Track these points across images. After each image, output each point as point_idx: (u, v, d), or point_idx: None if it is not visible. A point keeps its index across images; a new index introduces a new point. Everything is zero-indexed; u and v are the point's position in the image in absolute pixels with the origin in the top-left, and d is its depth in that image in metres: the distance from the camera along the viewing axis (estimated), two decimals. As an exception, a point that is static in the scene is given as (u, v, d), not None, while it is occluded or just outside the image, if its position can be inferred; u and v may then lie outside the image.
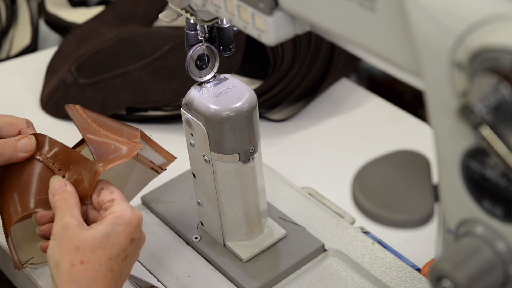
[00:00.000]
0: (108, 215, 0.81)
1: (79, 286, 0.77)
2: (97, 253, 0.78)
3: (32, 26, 1.43)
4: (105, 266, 0.78)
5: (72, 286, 0.77)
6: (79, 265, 0.77)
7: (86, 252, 0.78)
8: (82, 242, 0.78)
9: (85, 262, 0.78)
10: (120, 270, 0.80)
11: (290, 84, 1.21)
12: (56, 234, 0.80)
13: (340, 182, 1.05)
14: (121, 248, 0.80)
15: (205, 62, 0.90)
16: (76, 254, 0.78)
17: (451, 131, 0.59)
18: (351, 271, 0.95)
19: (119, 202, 0.82)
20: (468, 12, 0.55)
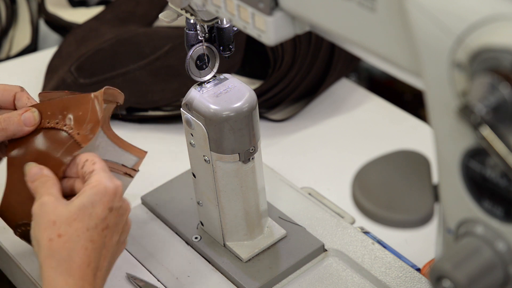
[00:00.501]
0: (85, 187, 0.81)
1: (59, 260, 0.78)
2: (73, 225, 0.78)
3: (32, 26, 1.43)
4: (83, 237, 0.78)
5: (51, 260, 0.78)
6: (56, 239, 0.78)
7: (63, 226, 0.78)
8: (58, 216, 0.79)
9: (63, 235, 0.78)
10: (102, 240, 0.80)
11: (290, 84, 1.21)
12: (34, 214, 0.80)
13: (340, 182, 1.05)
14: (99, 218, 0.80)
15: (205, 62, 0.90)
16: (53, 229, 0.78)
17: (451, 131, 0.59)
18: (351, 271, 0.95)
19: (98, 172, 0.82)
20: (468, 12, 0.55)
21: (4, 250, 1.01)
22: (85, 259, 0.78)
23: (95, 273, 0.80)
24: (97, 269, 0.80)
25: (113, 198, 0.81)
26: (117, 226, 0.82)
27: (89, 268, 0.79)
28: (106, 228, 0.80)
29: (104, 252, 0.81)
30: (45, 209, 0.80)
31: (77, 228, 0.78)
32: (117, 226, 0.82)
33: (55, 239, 0.78)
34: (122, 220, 0.83)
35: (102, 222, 0.80)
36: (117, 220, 0.82)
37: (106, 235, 0.81)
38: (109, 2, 1.46)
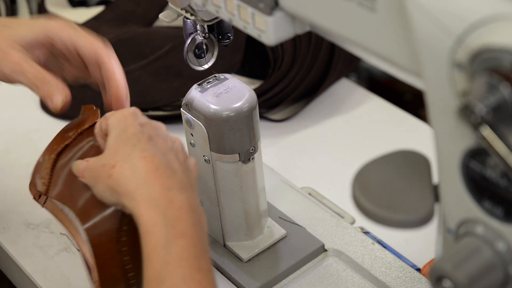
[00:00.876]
0: (108, 127, 0.79)
1: (126, 183, 0.74)
2: (119, 152, 0.76)
3: (32, 26, 1.43)
4: (134, 153, 0.75)
5: (120, 190, 0.75)
6: (112, 170, 0.75)
7: (110, 158, 0.76)
8: (102, 157, 0.77)
9: (115, 165, 0.75)
10: (155, 147, 0.76)
11: (290, 84, 1.21)
12: (90, 178, 0.79)
13: (340, 182, 1.05)
14: (136, 134, 0.76)
15: (203, 51, 0.90)
16: (104, 169, 0.76)
17: (451, 131, 0.59)
18: (351, 271, 0.95)
19: (110, 115, 0.80)
20: (468, 12, 0.55)
21: (4, 250, 1.01)
22: (150, 165, 0.74)
23: (171, 175, 0.75)
24: (172, 172, 0.75)
25: (135, 116, 0.78)
26: (160, 136, 0.78)
27: (159, 171, 0.74)
28: (150, 139, 0.76)
29: (169, 157, 0.76)
30: (91, 166, 0.78)
31: (123, 151, 0.76)
32: (159, 136, 0.78)
33: (112, 173, 0.75)
34: (161, 133, 0.79)
35: (142, 134, 0.76)
36: (156, 132, 0.78)
37: (156, 144, 0.77)
38: (109, 2, 1.46)
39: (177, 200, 0.73)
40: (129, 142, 0.76)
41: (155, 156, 0.75)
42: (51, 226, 1.03)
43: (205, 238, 0.74)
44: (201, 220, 0.75)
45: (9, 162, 1.13)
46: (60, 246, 1.00)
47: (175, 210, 0.72)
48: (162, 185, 0.74)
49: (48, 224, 1.04)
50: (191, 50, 0.89)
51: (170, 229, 0.72)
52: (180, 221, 0.72)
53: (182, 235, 0.71)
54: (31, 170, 0.92)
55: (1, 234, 1.03)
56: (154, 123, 0.80)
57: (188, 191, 0.75)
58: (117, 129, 0.78)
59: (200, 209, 0.75)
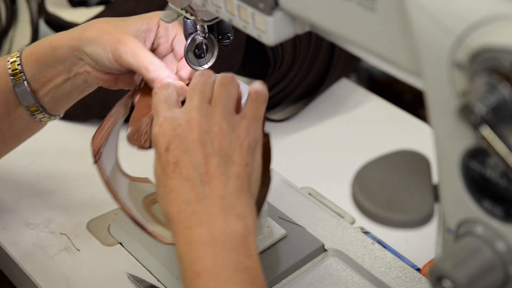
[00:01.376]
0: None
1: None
2: (158, 188, 0.76)
3: (32, 26, 1.43)
4: (165, 198, 0.75)
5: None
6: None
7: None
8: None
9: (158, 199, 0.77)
10: (178, 186, 0.74)
11: (290, 84, 1.21)
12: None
13: (340, 182, 1.05)
14: (164, 168, 0.76)
15: (203, 51, 0.90)
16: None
17: (451, 131, 0.59)
18: (351, 271, 0.95)
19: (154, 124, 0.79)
20: (468, 12, 0.55)
21: (4, 250, 1.01)
22: (173, 209, 0.74)
23: (194, 211, 0.73)
24: (196, 204, 0.74)
25: (167, 124, 0.77)
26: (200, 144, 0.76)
27: (180, 214, 0.73)
28: (176, 165, 0.75)
29: (196, 181, 0.74)
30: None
31: (159, 189, 0.76)
32: (200, 144, 0.76)
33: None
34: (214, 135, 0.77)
35: (167, 166, 0.75)
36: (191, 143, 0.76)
37: (182, 169, 0.75)
38: (109, 2, 1.46)
39: (196, 238, 0.72)
40: (160, 181, 0.76)
41: (178, 195, 0.74)
42: (51, 226, 1.03)
43: (238, 265, 0.71)
44: (231, 243, 0.72)
45: (9, 162, 1.13)
46: (60, 246, 1.00)
47: (192, 250, 0.72)
48: (183, 227, 0.73)
49: (48, 224, 1.04)
50: (191, 50, 0.89)
51: (188, 272, 0.72)
52: (197, 259, 0.72)
53: (199, 274, 0.71)
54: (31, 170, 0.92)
55: (1, 234, 1.03)
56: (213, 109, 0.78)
57: (214, 217, 0.73)
58: (156, 153, 0.77)
59: (237, 227, 0.73)
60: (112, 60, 0.88)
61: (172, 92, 0.81)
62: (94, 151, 0.90)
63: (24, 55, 0.93)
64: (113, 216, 1.04)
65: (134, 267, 0.97)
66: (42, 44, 0.94)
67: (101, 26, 0.91)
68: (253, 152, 0.77)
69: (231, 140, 0.76)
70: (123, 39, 0.89)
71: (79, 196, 1.09)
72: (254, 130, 0.77)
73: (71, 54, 0.91)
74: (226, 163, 0.75)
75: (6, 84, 0.93)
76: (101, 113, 1.22)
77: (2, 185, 1.11)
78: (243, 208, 0.73)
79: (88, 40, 0.90)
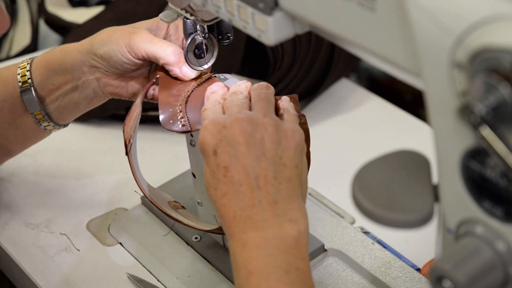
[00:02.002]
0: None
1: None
2: (210, 193, 0.77)
3: (32, 26, 1.43)
4: (218, 203, 0.75)
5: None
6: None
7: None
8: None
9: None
10: (231, 191, 0.75)
11: (290, 84, 1.21)
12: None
13: (340, 182, 1.05)
14: (213, 172, 0.76)
15: (203, 51, 0.90)
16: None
17: (451, 131, 0.59)
18: (351, 271, 0.95)
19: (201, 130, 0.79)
20: (468, 12, 0.55)
21: (4, 250, 1.01)
22: (228, 214, 0.74)
23: (250, 215, 0.74)
24: (252, 209, 0.74)
25: (215, 129, 0.77)
26: (251, 146, 0.76)
27: (236, 219, 0.74)
28: (227, 170, 0.75)
29: (251, 184, 0.74)
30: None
31: (211, 193, 0.76)
32: (251, 146, 0.76)
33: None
34: (261, 136, 0.76)
35: (218, 171, 0.76)
36: (243, 144, 0.76)
37: (233, 174, 0.75)
38: (109, 2, 1.46)
39: (250, 241, 0.73)
40: (211, 184, 0.76)
41: (232, 200, 0.74)
42: (51, 226, 1.03)
43: (289, 266, 0.72)
44: (283, 246, 0.73)
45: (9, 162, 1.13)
46: (60, 246, 1.01)
47: (246, 252, 0.73)
48: (238, 231, 0.74)
49: (48, 224, 1.04)
50: (191, 50, 0.89)
51: (242, 271, 0.73)
52: (250, 260, 0.73)
53: (251, 274, 0.72)
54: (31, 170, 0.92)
55: (1, 234, 1.03)
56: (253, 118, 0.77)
57: (268, 222, 0.74)
58: (204, 156, 0.77)
59: (291, 232, 0.74)
60: (127, 52, 0.89)
61: (244, 99, 0.81)
62: (126, 141, 0.90)
63: (34, 62, 0.95)
64: (113, 216, 1.04)
65: (134, 267, 0.97)
66: (52, 52, 0.95)
67: (112, 28, 0.92)
68: (301, 152, 0.77)
69: (279, 141, 0.76)
70: (135, 31, 0.90)
71: (79, 196, 1.09)
72: (298, 129, 0.78)
73: (81, 60, 0.92)
74: (277, 166, 0.75)
75: (14, 90, 0.94)
76: (101, 113, 1.22)
77: (2, 185, 1.11)
78: (296, 213, 0.74)
79: (100, 41, 0.91)
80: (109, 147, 1.18)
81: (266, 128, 0.76)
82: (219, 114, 0.79)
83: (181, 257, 0.97)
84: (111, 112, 1.22)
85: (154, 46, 0.89)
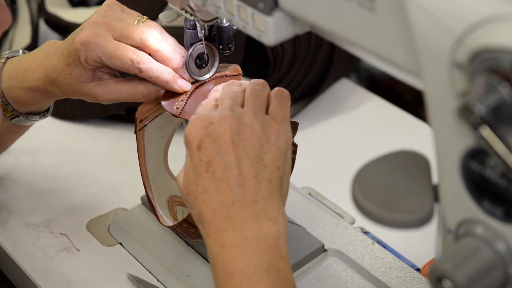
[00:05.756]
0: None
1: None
2: (190, 190, 0.77)
3: (32, 26, 1.43)
4: (199, 200, 0.75)
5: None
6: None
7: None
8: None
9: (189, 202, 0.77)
10: (212, 187, 0.75)
11: (290, 84, 1.21)
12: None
13: (340, 182, 1.05)
14: (196, 167, 0.76)
15: (204, 61, 0.90)
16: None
17: (451, 131, 0.59)
18: (351, 271, 0.95)
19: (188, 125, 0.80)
20: (468, 12, 0.55)
21: (4, 250, 1.01)
22: (208, 213, 0.74)
23: (228, 214, 0.74)
24: (231, 208, 0.74)
25: (201, 125, 0.78)
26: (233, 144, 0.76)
27: (215, 217, 0.74)
28: (209, 165, 0.76)
29: (232, 182, 0.75)
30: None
31: (192, 189, 0.77)
32: (233, 144, 0.76)
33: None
34: (245, 137, 0.77)
35: (200, 165, 0.76)
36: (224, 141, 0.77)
37: (215, 170, 0.75)
38: (109, 2, 1.46)
39: (229, 241, 0.73)
40: (193, 180, 0.76)
41: (212, 196, 0.75)
42: (51, 226, 1.03)
43: (270, 266, 0.73)
44: (263, 246, 0.73)
45: (9, 162, 1.14)
46: (60, 246, 1.01)
47: (226, 252, 0.73)
48: (217, 230, 0.74)
49: (48, 224, 1.04)
50: (193, 60, 0.89)
51: (221, 272, 0.73)
52: (230, 261, 0.73)
53: (232, 275, 0.72)
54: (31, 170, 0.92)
55: (1, 234, 1.03)
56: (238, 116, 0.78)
57: (247, 221, 0.74)
58: (187, 150, 0.78)
59: (270, 231, 0.74)
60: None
61: (240, 93, 0.81)
62: (137, 119, 0.92)
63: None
64: (113, 216, 1.04)
65: (134, 267, 0.97)
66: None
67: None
68: (285, 154, 0.77)
69: (263, 142, 0.76)
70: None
71: (79, 196, 1.09)
72: (284, 131, 0.78)
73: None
74: (258, 166, 0.75)
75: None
76: (101, 113, 1.22)
77: (2, 185, 1.11)
78: (275, 212, 0.75)
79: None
80: (109, 147, 1.18)
81: (253, 129, 0.76)
82: (209, 110, 0.80)
83: (181, 257, 0.97)
84: (111, 112, 1.22)
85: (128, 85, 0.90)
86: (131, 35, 0.87)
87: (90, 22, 0.88)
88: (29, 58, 0.94)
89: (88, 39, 0.87)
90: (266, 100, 0.80)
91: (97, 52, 0.86)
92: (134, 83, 0.91)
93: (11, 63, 0.95)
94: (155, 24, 0.89)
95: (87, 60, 0.87)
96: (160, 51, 0.87)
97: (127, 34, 0.87)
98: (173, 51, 0.88)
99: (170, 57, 0.88)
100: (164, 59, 0.88)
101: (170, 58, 0.88)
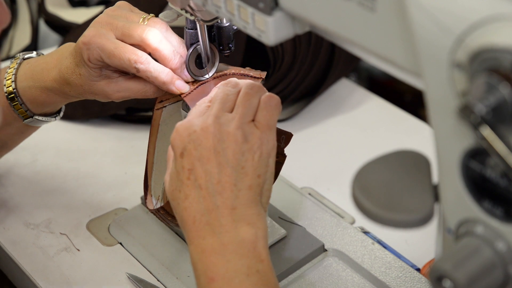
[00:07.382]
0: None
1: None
2: (174, 196, 0.78)
3: (32, 26, 1.43)
4: (180, 206, 0.77)
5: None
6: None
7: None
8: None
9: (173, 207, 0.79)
10: (193, 194, 0.76)
11: (290, 84, 1.21)
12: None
13: (340, 182, 1.05)
14: (179, 173, 0.77)
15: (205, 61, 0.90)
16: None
17: (451, 131, 0.59)
18: (351, 271, 0.95)
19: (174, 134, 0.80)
20: (468, 12, 0.55)
21: (4, 250, 1.01)
22: (188, 218, 0.76)
23: (208, 221, 0.75)
24: (209, 216, 0.76)
25: (184, 132, 0.78)
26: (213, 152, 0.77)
27: (195, 223, 0.76)
28: (190, 172, 0.77)
29: (214, 188, 0.76)
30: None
31: (176, 195, 0.78)
32: (213, 153, 0.77)
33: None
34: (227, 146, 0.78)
35: (182, 171, 0.77)
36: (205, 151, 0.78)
37: (197, 176, 0.76)
38: (109, 2, 1.46)
39: (208, 247, 0.74)
40: (176, 186, 0.77)
41: (192, 204, 0.76)
42: (51, 226, 1.03)
43: (249, 269, 0.74)
44: (241, 250, 0.74)
45: (9, 162, 1.14)
46: (60, 246, 1.01)
47: (206, 258, 0.74)
48: (197, 237, 0.75)
49: (48, 224, 1.04)
50: (193, 60, 0.89)
51: (202, 278, 0.74)
52: (210, 266, 0.74)
53: (213, 280, 0.73)
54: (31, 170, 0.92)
55: (1, 234, 1.03)
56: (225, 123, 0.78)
57: (225, 227, 0.75)
58: (173, 157, 0.79)
59: (247, 235, 0.75)
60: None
61: (232, 96, 0.81)
62: (158, 99, 0.92)
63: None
64: (113, 216, 1.04)
65: (134, 267, 0.97)
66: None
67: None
68: (266, 162, 0.78)
69: (244, 151, 0.76)
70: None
71: (79, 196, 1.09)
72: (267, 140, 0.78)
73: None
74: (238, 173, 0.76)
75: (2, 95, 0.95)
76: (101, 113, 1.22)
77: (2, 185, 1.11)
78: (254, 218, 0.76)
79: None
80: (109, 147, 1.18)
81: (235, 138, 0.77)
82: (200, 113, 0.80)
83: (181, 257, 0.97)
84: (111, 112, 1.22)
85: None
86: (131, 33, 0.87)
87: (95, 22, 0.89)
88: (47, 59, 0.94)
89: (89, 38, 0.87)
90: (256, 105, 0.81)
91: (98, 51, 0.87)
92: (144, 80, 0.91)
93: (27, 64, 0.95)
94: (160, 21, 0.89)
95: (90, 59, 0.87)
96: (159, 50, 0.87)
97: (128, 32, 0.87)
98: (174, 50, 0.88)
99: (169, 57, 0.88)
100: (163, 58, 0.88)
101: (169, 58, 0.88)
